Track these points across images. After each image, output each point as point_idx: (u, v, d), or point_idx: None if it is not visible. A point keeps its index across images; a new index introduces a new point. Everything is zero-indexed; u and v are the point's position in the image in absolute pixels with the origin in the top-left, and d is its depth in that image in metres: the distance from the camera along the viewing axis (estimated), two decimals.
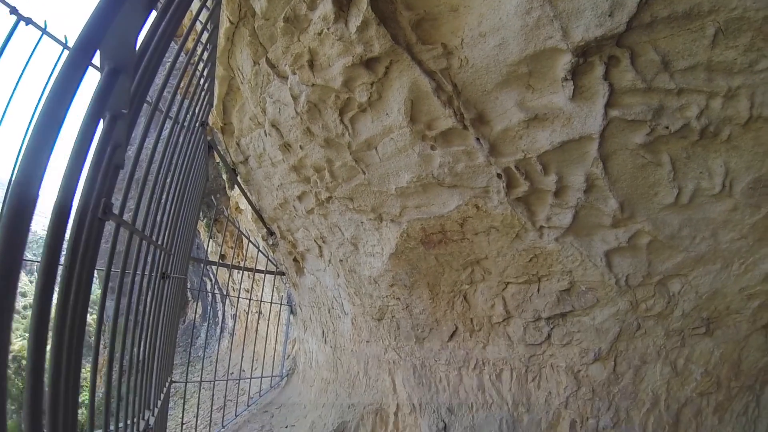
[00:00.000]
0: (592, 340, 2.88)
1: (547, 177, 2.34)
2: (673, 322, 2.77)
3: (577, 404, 3.15)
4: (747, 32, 1.96)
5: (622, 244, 2.52)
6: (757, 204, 2.36)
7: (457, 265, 3.08)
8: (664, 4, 1.91)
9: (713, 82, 2.06)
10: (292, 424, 5.12)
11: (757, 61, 2.01)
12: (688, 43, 1.98)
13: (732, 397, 3.06)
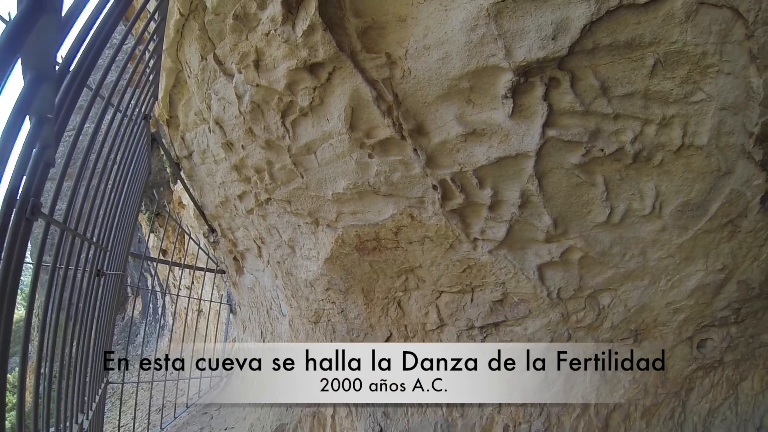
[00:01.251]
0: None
1: (482, 191, 2.57)
2: (603, 333, 3.10)
3: (510, 409, 3.49)
4: (685, 65, 2.24)
5: (555, 259, 2.79)
6: (684, 226, 2.70)
7: (392, 272, 3.31)
8: (606, 32, 2.13)
9: (649, 110, 2.35)
10: (232, 426, 5.42)
11: (692, 93, 2.30)
12: (628, 71, 2.25)
13: (659, 403, 3.48)
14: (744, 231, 2.82)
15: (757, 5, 2.11)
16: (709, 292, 3.00)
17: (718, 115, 2.38)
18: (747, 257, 2.94)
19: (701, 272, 2.89)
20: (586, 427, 3.51)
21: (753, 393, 3.70)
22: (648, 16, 2.10)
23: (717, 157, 2.52)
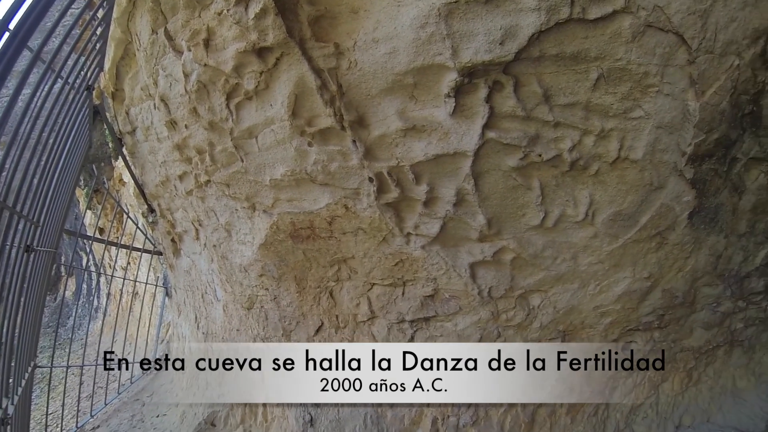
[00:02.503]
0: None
1: (418, 186, 2.82)
2: (532, 332, 3.47)
3: (438, 403, 3.85)
4: (627, 82, 2.53)
5: (487, 258, 3.08)
6: (615, 234, 3.05)
7: (325, 261, 3.55)
8: (554, 43, 2.36)
9: (589, 121, 2.63)
10: (164, 414, 5.66)
11: (632, 110, 2.61)
12: (572, 82, 2.51)
13: (584, 401, 3.94)
14: (671, 243, 3.22)
15: (701, 34, 2.41)
16: (636, 298, 3.41)
17: (655, 132, 2.72)
18: (672, 268, 3.37)
19: (629, 279, 3.28)
20: (513, 421, 3.98)
21: (673, 393, 4.26)
22: (596, 32, 2.36)
23: (650, 172, 2.86)
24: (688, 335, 3.99)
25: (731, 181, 3.20)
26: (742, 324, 4.16)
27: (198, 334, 5.71)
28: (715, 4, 2.36)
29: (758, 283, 3.89)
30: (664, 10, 2.33)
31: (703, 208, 3.19)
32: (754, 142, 3.07)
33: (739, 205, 3.36)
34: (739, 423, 4.38)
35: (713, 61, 2.54)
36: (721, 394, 4.48)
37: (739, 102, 2.76)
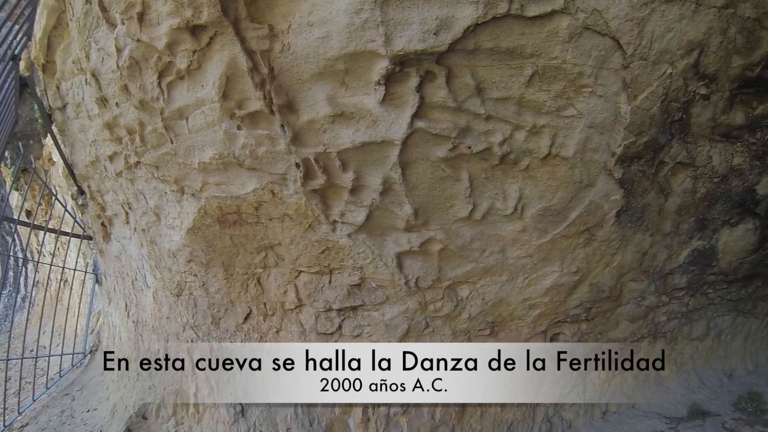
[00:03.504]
0: (382, 334, 3.55)
1: (344, 174, 2.79)
2: (461, 323, 3.51)
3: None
4: (561, 81, 2.55)
5: (414, 248, 3.07)
6: (544, 229, 3.09)
7: (252, 247, 3.51)
8: (490, 37, 2.34)
9: (521, 117, 2.64)
10: (95, 408, 5.46)
11: (564, 108, 2.64)
12: (506, 77, 2.52)
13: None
14: (599, 240, 3.31)
15: (637, 41, 2.48)
16: (564, 291, 3.50)
17: (586, 131, 2.77)
18: (600, 263, 3.46)
19: (557, 273, 3.36)
20: (443, 410, 4.02)
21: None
22: (533, 30, 2.37)
23: (580, 170, 2.92)
24: (614, 327, 4.13)
25: (658, 183, 3.33)
26: (665, 317, 4.35)
27: (128, 322, 5.54)
28: (653, 14, 2.43)
29: (681, 279, 4.08)
30: (602, 14, 2.37)
31: (630, 208, 3.29)
32: (681, 148, 3.21)
33: (665, 206, 3.49)
34: (663, 408, 4.63)
35: (647, 68, 2.62)
36: (645, 382, 4.69)
37: (669, 109, 2.87)
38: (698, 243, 3.98)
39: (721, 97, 3.03)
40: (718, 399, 4.75)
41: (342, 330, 3.68)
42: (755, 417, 4.32)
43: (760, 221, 4.06)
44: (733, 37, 2.70)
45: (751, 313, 5.02)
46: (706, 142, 3.31)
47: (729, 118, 3.21)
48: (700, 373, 4.96)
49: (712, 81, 2.89)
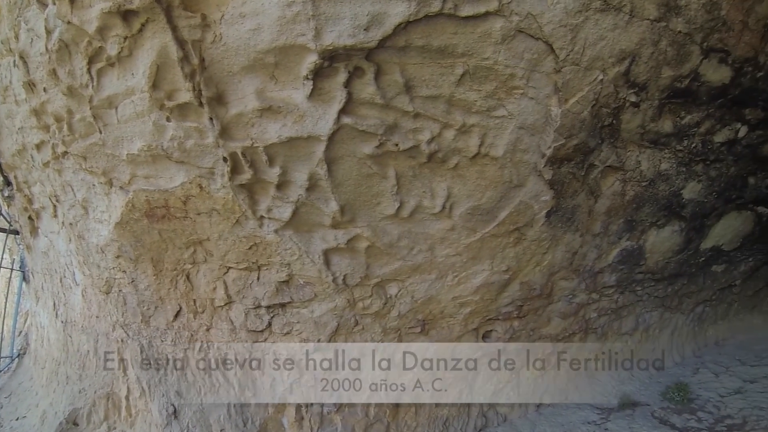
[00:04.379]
0: (312, 331, 3.55)
1: (271, 169, 2.77)
2: (390, 321, 3.53)
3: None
4: (492, 81, 2.56)
5: (341, 245, 3.07)
6: (473, 228, 3.12)
7: (180, 243, 3.47)
8: (421, 35, 2.33)
9: (450, 115, 2.65)
10: (24, 415, 5.23)
11: (495, 108, 2.66)
12: (436, 75, 2.52)
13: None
14: (529, 239, 3.37)
15: (570, 46, 2.52)
16: (494, 289, 3.55)
17: (517, 132, 2.81)
18: (530, 262, 3.53)
19: (487, 271, 3.41)
20: (377, 407, 4.03)
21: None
22: (466, 30, 2.38)
23: (510, 170, 2.95)
24: (546, 324, 4.24)
25: (588, 185, 3.42)
26: (596, 314, 4.50)
27: (57, 323, 5.32)
28: (587, 21, 2.47)
29: (610, 277, 4.23)
30: (536, 19, 2.40)
31: (560, 208, 3.37)
32: (611, 152, 3.30)
33: (594, 207, 3.59)
34: (594, 400, 4.82)
35: (578, 73, 2.67)
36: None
37: (600, 114, 2.95)
38: (627, 243, 4.13)
39: (651, 106, 3.14)
40: (647, 389, 4.99)
41: (272, 327, 3.65)
42: (682, 405, 4.55)
43: (686, 223, 4.26)
44: (665, 49, 2.80)
45: (678, 308, 5.28)
46: (636, 147, 3.43)
47: (658, 126, 3.33)
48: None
49: (643, 89, 2.99)
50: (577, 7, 2.40)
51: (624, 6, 2.50)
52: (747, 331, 6.34)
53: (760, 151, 4.00)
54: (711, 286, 5.47)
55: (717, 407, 4.48)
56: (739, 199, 4.43)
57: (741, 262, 5.42)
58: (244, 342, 3.80)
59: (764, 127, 3.80)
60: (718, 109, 3.46)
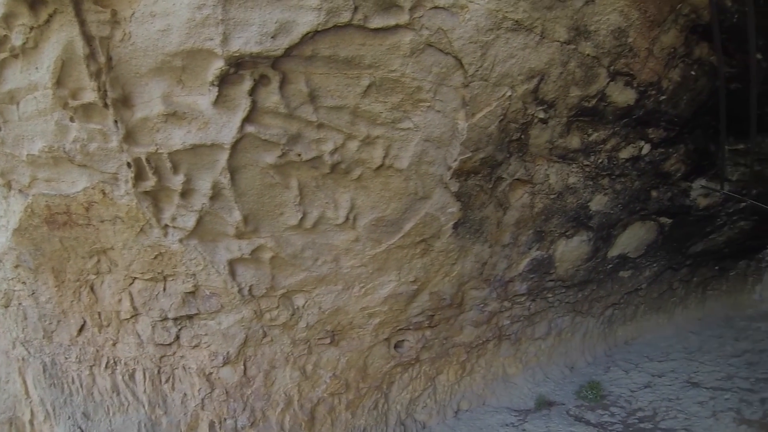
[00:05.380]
0: (220, 344, 3.52)
1: (175, 176, 2.75)
2: (299, 332, 3.55)
3: (213, 405, 3.82)
4: (399, 94, 2.63)
5: (245, 256, 3.08)
6: (378, 239, 3.20)
7: (83, 252, 3.38)
8: (329, 45, 2.36)
9: (355, 126, 2.70)
10: None
11: (400, 120, 2.73)
12: (342, 86, 2.55)
13: (362, 396, 4.12)
14: (437, 250, 3.48)
15: (479, 62, 2.62)
16: (403, 300, 3.64)
17: (422, 144, 2.89)
18: (439, 273, 3.64)
19: (394, 282, 3.49)
20: (292, 420, 3.96)
21: (449, 384, 4.68)
22: (374, 41, 2.43)
23: (415, 182, 3.04)
24: (459, 332, 4.36)
25: (496, 198, 3.56)
26: (509, 321, 4.68)
27: None
28: (498, 39, 2.59)
29: (521, 286, 4.43)
30: (447, 34, 2.48)
31: (468, 220, 3.49)
32: (520, 166, 3.46)
33: (503, 219, 3.74)
34: (511, 403, 5.03)
35: (487, 88, 2.79)
36: (493, 380, 5.05)
37: (507, 128, 3.08)
38: (537, 253, 4.34)
39: (559, 122, 3.32)
40: (562, 390, 5.28)
41: (180, 340, 3.58)
42: (595, 402, 4.86)
43: (594, 233, 4.53)
44: (573, 70, 2.97)
45: (588, 313, 5.61)
46: (544, 161, 3.61)
47: (566, 142, 3.52)
48: (544, 368, 5.45)
49: (551, 107, 3.15)
50: (488, 25, 2.51)
51: (535, 27, 2.63)
52: (653, 331, 6.90)
53: (661, 167, 4.32)
54: (619, 291, 5.83)
55: (628, 402, 4.84)
56: (643, 210, 4.75)
57: (646, 268, 5.83)
58: (152, 357, 3.70)
59: (665, 146, 4.10)
60: (624, 128, 3.69)
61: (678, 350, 6.22)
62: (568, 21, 2.69)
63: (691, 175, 4.76)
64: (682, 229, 5.50)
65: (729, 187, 5.02)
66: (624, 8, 2.78)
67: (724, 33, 3.16)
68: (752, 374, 5.03)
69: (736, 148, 4.58)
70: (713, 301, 7.76)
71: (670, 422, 4.24)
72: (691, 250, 6.18)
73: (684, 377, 5.25)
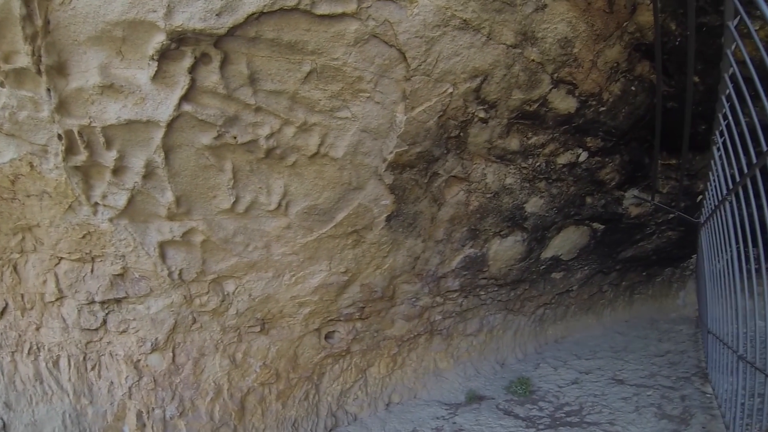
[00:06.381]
0: (149, 329, 3.53)
1: (108, 152, 2.72)
2: (229, 319, 3.61)
3: (141, 394, 3.80)
4: (339, 82, 2.70)
5: (176, 238, 3.10)
6: (310, 227, 3.30)
7: (7, 228, 3.30)
8: (273, 28, 2.41)
9: (293, 112, 2.76)
10: None
11: (339, 109, 2.80)
12: (283, 70, 2.60)
13: (293, 386, 4.21)
14: (368, 242, 3.61)
15: (423, 57, 2.72)
16: (333, 290, 3.76)
17: (359, 135, 2.98)
18: (370, 265, 3.79)
19: (325, 272, 3.60)
20: (222, 410, 3.96)
21: (380, 376, 4.85)
22: (319, 28, 2.48)
23: (350, 172, 3.14)
24: (390, 325, 4.55)
25: (431, 193, 3.71)
26: (441, 316, 4.90)
27: None
28: (444, 36, 2.69)
29: (454, 282, 4.63)
30: (393, 26, 2.57)
31: (401, 213, 3.64)
32: (457, 163, 3.61)
33: (437, 215, 3.91)
34: (442, 397, 5.26)
35: (428, 84, 2.90)
36: (425, 374, 5.26)
37: (447, 125, 3.21)
38: (470, 250, 4.56)
39: (499, 123, 3.47)
40: (492, 385, 5.57)
41: (107, 325, 3.55)
42: (524, 397, 5.16)
43: (528, 234, 4.78)
44: (517, 73, 3.12)
45: (520, 311, 5.93)
46: (482, 160, 3.78)
47: (505, 143, 3.69)
48: (476, 363, 5.73)
49: (492, 107, 3.30)
50: (436, 22, 2.59)
51: (483, 28, 2.74)
52: (583, 330, 7.39)
53: (597, 175, 4.60)
54: (551, 291, 6.17)
55: (556, 397, 5.15)
56: (577, 215, 5.05)
57: (578, 270, 6.19)
58: (77, 342, 3.67)
59: (602, 155, 4.36)
60: (563, 135, 3.90)
61: (605, 349, 6.68)
62: (516, 25, 2.84)
63: (624, 185, 5.07)
64: (614, 235, 5.83)
65: (659, 198, 5.37)
66: (572, 19, 2.94)
67: (665, 54, 3.32)
68: (674, 373, 5.46)
69: (669, 162, 4.90)
70: (640, 304, 8.35)
71: (595, 416, 4.53)
72: (621, 256, 6.58)
73: (610, 374, 5.64)
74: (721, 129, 3.15)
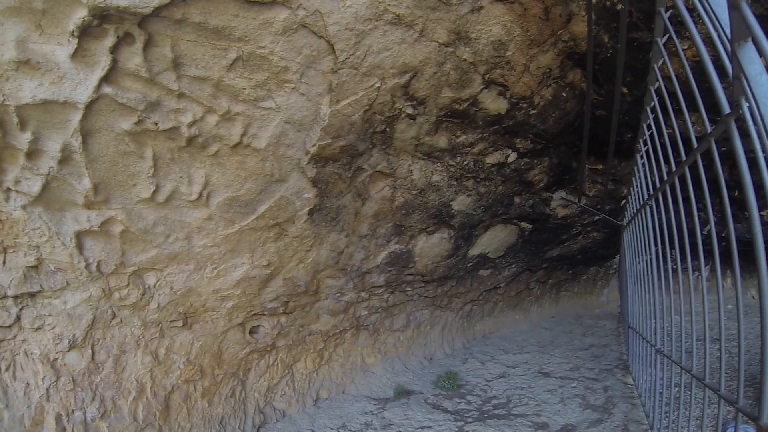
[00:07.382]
0: (66, 325, 3.49)
1: (22, 133, 2.63)
2: (150, 313, 3.64)
3: (59, 396, 3.74)
4: (265, 72, 2.75)
5: (94, 228, 3.09)
6: (231, 219, 3.38)
7: None
8: (201, 11, 2.43)
9: (216, 100, 2.80)
10: None
11: (263, 99, 2.85)
12: (208, 56, 2.63)
13: (218, 383, 4.30)
14: (291, 235, 3.74)
15: (352, 50, 2.80)
16: (256, 284, 3.87)
17: (282, 126, 3.06)
18: (293, 259, 3.93)
19: (247, 265, 3.71)
20: (146, 409, 3.97)
21: (307, 372, 5.01)
22: (248, 14, 2.52)
23: (272, 164, 3.23)
24: (316, 320, 4.73)
25: (355, 188, 3.87)
26: (367, 311, 5.13)
27: None
28: (375, 30, 2.79)
29: (379, 278, 4.84)
30: (324, 17, 2.63)
31: (324, 207, 3.79)
32: (382, 158, 3.77)
33: (362, 210, 4.09)
34: (371, 392, 5.50)
35: (355, 77, 3.00)
36: (352, 369, 5.47)
37: (372, 119, 3.34)
38: (396, 246, 4.78)
39: (428, 121, 3.63)
40: (420, 380, 5.87)
41: (21, 322, 3.49)
42: (452, 392, 5.46)
43: (455, 232, 5.04)
44: (448, 72, 3.25)
45: (447, 307, 6.23)
46: (409, 157, 3.96)
47: (433, 140, 3.87)
48: (403, 358, 6.02)
49: (421, 104, 3.44)
50: (368, 15, 2.65)
51: (416, 24, 2.82)
52: (510, 326, 7.88)
53: (525, 176, 4.89)
54: (478, 288, 6.50)
55: (484, 390, 5.50)
56: (505, 214, 5.35)
57: (505, 268, 6.56)
58: None
59: (531, 157, 4.64)
60: (492, 135, 4.11)
61: (532, 344, 7.17)
62: (450, 24, 2.93)
63: (552, 187, 5.41)
64: (541, 234, 6.23)
65: (586, 201, 5.77)
66: (508, 23, 3.08)
67: (596, 64, 3.54)
68: (597, 365, 5.93)
69: (595, 167, 5.27)
70: (566, 301, 8.96)
71: (522, 408, 4.87)
72: (548, 255, 7.01)
73: (536, 368, 6.07)
74: (645, 138, 3.46)
